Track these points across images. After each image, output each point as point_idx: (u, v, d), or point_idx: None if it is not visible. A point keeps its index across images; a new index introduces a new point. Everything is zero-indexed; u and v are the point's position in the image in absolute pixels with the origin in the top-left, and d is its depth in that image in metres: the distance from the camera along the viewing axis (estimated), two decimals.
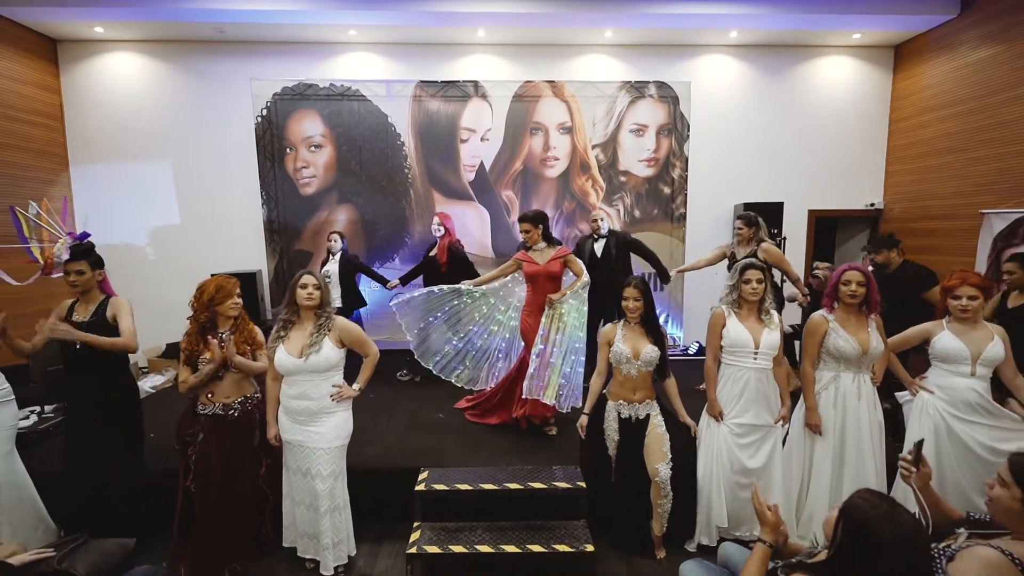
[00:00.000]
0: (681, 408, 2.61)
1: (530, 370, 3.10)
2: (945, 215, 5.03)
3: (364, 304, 4.54)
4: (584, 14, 4.63)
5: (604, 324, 2.73)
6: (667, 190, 5.32)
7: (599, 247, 4.11)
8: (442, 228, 4.22)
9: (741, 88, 5.51)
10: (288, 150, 5.04)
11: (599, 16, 4.67)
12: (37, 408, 3.50)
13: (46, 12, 4.51)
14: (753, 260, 2.62)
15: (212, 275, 2.55)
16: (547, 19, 4.68)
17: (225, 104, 5.12)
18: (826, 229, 6.25)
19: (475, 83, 5.10)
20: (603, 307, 3.87)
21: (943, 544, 1.37)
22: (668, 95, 5.21)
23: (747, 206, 5.24)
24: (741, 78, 5.50)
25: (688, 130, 5.27)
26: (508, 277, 3.55)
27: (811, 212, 5.76)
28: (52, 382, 3.45)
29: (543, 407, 3.15)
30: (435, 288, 3.55)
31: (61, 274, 2.52)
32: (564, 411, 3.22)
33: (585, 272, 3.29)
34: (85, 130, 5.19)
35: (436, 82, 5.08)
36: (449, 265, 4.11)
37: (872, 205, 5.76)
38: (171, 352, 5.02)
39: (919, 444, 1.54)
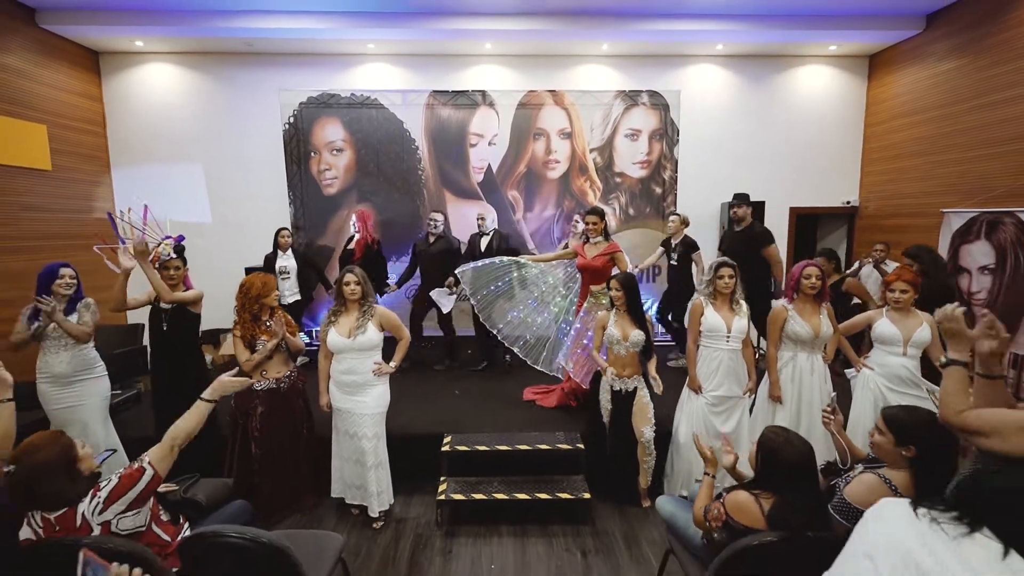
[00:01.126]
0: (652, 370, 3.01)
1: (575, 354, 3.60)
2: (913, 213, 5.50)
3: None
4: (583, 30, 5.05)
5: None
6: (659, 190, 5.79)
7: (484, 242, 4.54)
8: (359, 224, 4.64)
9: (727, 95, 5.95)
10: (312, 154, 5.51)
11: (596, 31, 5.09)
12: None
13: (92, 29, 4.95)
14: (726, 259, 3.10)
15: (248, 273, 3.04)
16: (549, 34, 5.11)
17: (254, 112, 5.57)
18: (808, 226, 6.74)
19: (483, 92, 5.55)
20: None
21: (845, 473, 1.87)
22: (659, 103, 5.66)
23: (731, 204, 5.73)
24: (727, 86, 5.94)
25: (678, 135, 5.73)
26: (565, 261, 3.95)
27: (792, 209, 6.23)
28: (117, 362, 3.94)
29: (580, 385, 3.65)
30: (496, 259, 3.90)
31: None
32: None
33: (629, 266, 3.72)
34: (125, 135, 5.64)
35: (447, 91, 5.53)
36: (364, 260, 4.48)
37: (848, 203, 6.23)
38: (205, 338, 5.52)
39: (833, 398, 2.04)
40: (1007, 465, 1.28)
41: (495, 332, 3.86)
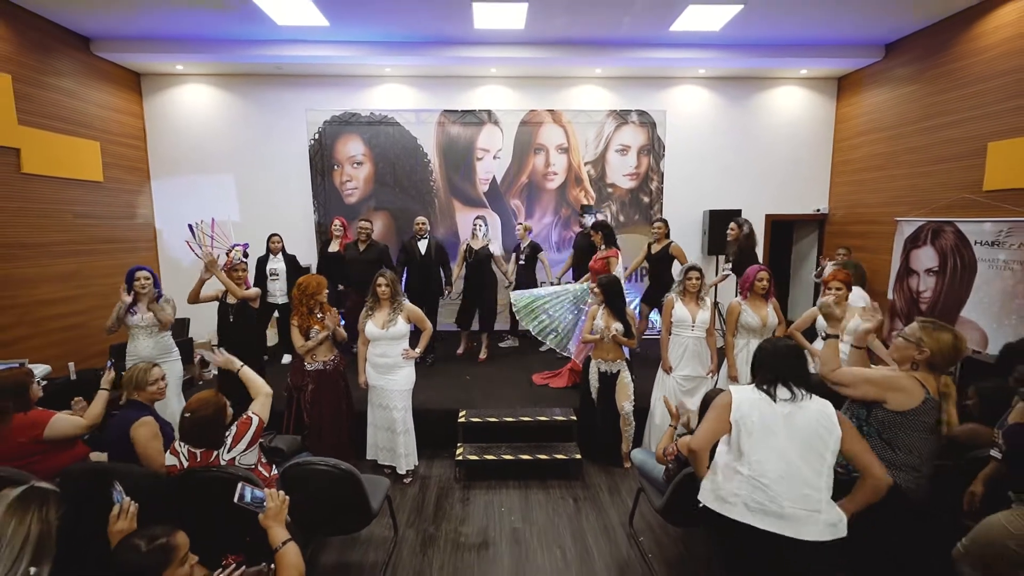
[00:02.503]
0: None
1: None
2: (873, 220, 6.14)
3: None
4: (578, 57, 5.67)
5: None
6: (646, 199, 6.43)
7: (422, 245, 5.11)
8: (341, 228, 5.30)
9: (709, 114, 6.59)
10: (335, 167, 6.12)
11: (591, 58, 5.72)
12: None
13: (139, 56, 5.54)
14: (695, 263, 3.72)
15: (307, 275, 3.66)
16: (548, 60, 5.73)
17: (283, 128, 6.19)
18: (784, 231, 7.39)
19: (489, 111, 6.17)
20: (424, 293, 4.98)
21: None
22: (647, 121, 6.30)
23: (712, 212, 6.38)
24: (709, 105, 6.58)
25: (664, 150, 6.36)
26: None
27: (767, 216, 6.87)
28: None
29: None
30: (556, 289, 4.61)
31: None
32: None
33: (619, 269, 4.48)
34: (163, 149, 6.24)
35: (456, 110, 6.15)
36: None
37: (819, 210, 6.88)
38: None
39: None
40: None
41: (529, 328, 4.42)
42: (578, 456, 3.51)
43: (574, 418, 3.77)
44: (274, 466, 2.54)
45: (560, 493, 3.36)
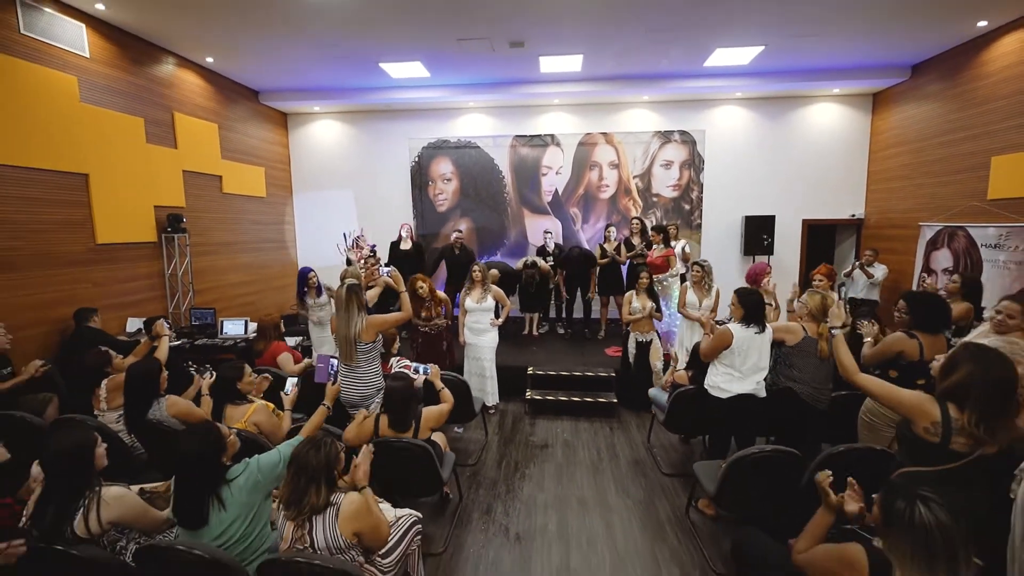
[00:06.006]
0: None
1: None
2: (901, 225, 6.77)
3: None
4: (628, 88, 6.84)
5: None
6: (687, 207, 7.45)
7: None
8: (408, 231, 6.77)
9: (746, 130, 7.48)
10: (429, 182, 7.71)
11: (639, 89, 6.86)
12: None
13: (290, 103, 7.42)
14: (699, 260, 4.80)
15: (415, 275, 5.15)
16: (601, 92, 6.95)
17: (390, 153, 7.88)
18: (826, 235, 8.04)
19: (552, 135, 7.50)
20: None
21: None
22: (688, 139, 7.33)
23: (747, 217, 7.28)
24: (746, 123, 7.47)
25: (703, 164, 7.36)
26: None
27: (804, 221, 7.63)
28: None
29: None
30: None
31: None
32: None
33: (678, 263, 5.69)
34: (302, 170, 8.14)
35: (525, 135, 7.53)
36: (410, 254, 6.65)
37: (854, 215, 7.53)
38: None
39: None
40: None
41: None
42: (615, 400, 4.74)
43: (613, 374, 5.00)
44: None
45: (600, 424, 4.61)
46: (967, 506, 1.64)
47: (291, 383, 2.85)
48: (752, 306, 3.01)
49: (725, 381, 3.06)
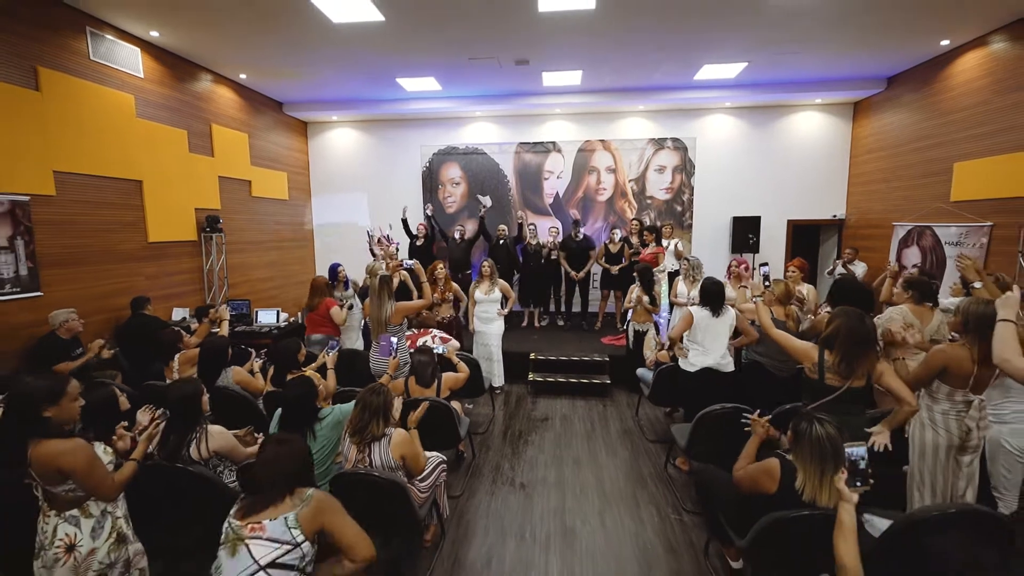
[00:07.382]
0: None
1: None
2: (878, 225, 7.29)
3: None
4: (624, 99, 7.41)
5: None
6: (679, 208, 8.00)
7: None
8: (423, 230, 7.38)
9: (734, 137, 8.02)
10: (439, 186, 8.29)
11: (634, 100, 7.42)
12: None
13: (311, 113, 8.02)
14: (689, 257, 5.35)
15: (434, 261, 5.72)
16: (599, 102, 7.51)
17: (403, 159, 8.47)
18: (811, 234, 8.56)
19: (553, 142, 8.07)
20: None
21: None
22: (680, 146, 7.88)
23: (736, 218, 7.82)
24: (734, 130, 8.01)
25: (694, 168, 7.91)
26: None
27: (789, 221, 8.16)
28: None
29: None
30: None
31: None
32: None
33: (667, 261, 6.27)
34: (319, 175, 8.74)
35: (529, 142, 8.10)
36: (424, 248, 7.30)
37: (835, 216, 8.05)
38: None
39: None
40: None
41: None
42: (608, 381, 5.30)
43: (608, 359, 5.56)
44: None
45: (595, 402, 5.17)
46: (846, 424, 2.21)
47: (332, 349, 3.38)
48: (711, 294, 3.59)
49: (694, 355, 3.62)
